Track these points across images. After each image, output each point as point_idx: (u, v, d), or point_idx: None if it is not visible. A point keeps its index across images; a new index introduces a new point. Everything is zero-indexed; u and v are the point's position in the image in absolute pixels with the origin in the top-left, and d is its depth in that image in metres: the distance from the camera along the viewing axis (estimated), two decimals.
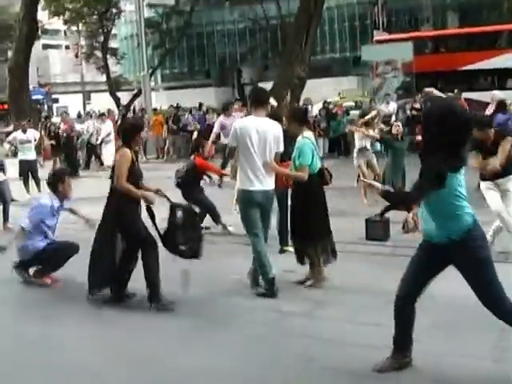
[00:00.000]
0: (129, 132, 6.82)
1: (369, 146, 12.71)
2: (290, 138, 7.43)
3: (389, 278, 5.85)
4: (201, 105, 26.45)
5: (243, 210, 6.99)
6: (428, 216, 4.59)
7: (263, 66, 53.65)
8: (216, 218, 10.17)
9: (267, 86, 26.11)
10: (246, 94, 43.34)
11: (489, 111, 17.29)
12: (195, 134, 20.06)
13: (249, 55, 55.89)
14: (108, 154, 19.12)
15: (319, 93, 31.89)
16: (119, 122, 22.80)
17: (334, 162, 18.45)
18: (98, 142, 20.38)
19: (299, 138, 7.17)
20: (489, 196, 8.23)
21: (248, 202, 6.87)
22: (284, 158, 7.36)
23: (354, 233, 9.57)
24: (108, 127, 20.26)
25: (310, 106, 21.97)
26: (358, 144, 12.68)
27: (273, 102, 10.25)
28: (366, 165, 12.67)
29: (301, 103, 21.28)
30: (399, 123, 11.42)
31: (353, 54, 51.98)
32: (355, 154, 12.81)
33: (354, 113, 20.02)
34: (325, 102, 21.88)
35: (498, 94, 17.63)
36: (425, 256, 4.75)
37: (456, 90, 18.39)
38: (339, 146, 20.32)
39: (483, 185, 8.31)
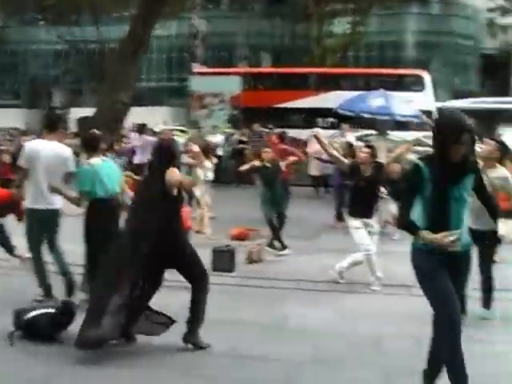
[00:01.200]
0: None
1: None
2: None
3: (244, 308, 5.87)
4: None
5: (28, 227, 7.38)
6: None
7: (76, 90, 52.24)
8: (9, 251, 9.20)
9: (80, 111, 25.45)
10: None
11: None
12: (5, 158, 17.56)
13: (62, 78, 54.15)
14: None
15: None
16: None
17: None
18: None
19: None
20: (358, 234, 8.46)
21: (34, 220, 7.33)
22: None
23: None
24: None
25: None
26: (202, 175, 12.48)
27: None
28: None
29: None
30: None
31: (168, 84, 52.20)
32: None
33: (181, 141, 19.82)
34: (152, 130, 21.50)
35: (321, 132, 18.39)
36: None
37: (270, 127, 18.91)
38: None
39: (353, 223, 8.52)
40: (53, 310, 6.22)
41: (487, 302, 7.08)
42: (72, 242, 7.49)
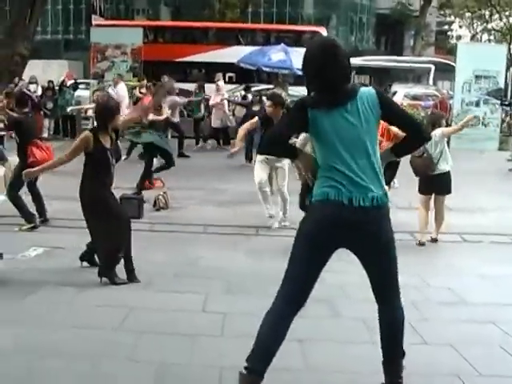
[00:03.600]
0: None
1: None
2: None
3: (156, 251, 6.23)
4: None
5: None
6: None
7: None
8: None
9: None
10: None
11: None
12: None
13: None
14: None
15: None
16: None
17: (61, 144, 17.91)
18: None
19: None
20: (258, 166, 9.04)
21: None
22: None
23: None
24: None
25: (36, 85, 21.24)
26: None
27: None
28: None
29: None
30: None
31: (64, 37, 50.74)
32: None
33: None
34: (50, 81, 21.13)
35: None
36: None
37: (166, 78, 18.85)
38: (66, 126, 19.69)
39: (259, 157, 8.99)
40: None
41: None
42: None
